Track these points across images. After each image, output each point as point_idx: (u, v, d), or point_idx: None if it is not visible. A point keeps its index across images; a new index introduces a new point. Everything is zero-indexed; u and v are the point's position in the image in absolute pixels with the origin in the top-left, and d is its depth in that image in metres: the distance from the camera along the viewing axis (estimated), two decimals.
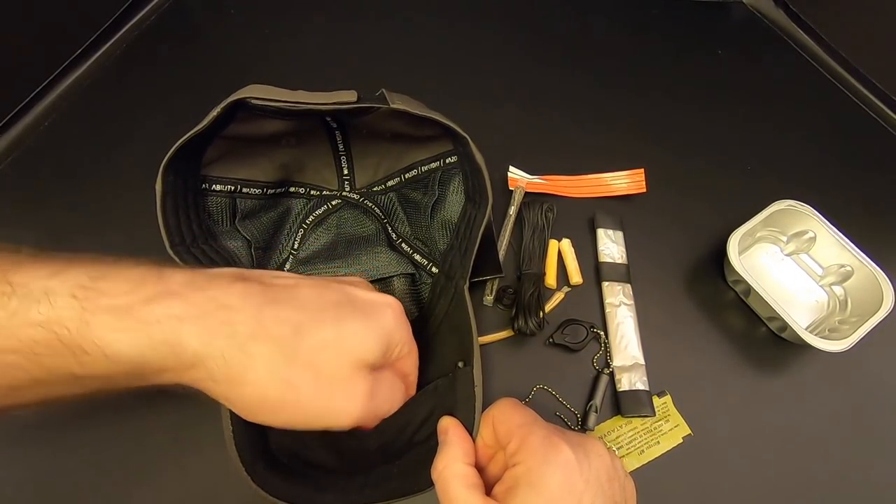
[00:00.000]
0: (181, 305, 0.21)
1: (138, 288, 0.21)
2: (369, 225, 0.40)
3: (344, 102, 0.28)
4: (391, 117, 0.30)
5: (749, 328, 0.42)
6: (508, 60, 0.54)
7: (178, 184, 0.30)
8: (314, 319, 0.24)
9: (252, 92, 0.27)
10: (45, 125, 0.47)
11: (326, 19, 0.55)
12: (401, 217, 0.40)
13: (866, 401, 0.40)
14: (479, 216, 0.33)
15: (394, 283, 0.38)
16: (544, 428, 0.26)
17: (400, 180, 0.40)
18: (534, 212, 0.43)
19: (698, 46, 0.57)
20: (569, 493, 0.24)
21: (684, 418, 0.38)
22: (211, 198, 0.34)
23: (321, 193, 0.40)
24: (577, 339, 0.39)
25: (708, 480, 0.36)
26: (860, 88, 0.55)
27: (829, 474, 0.37)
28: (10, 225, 0.43)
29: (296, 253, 0.39)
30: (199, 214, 0.33)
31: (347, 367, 0.24)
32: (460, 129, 0.30)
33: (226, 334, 0.22)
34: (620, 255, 0.43)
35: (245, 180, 0.36)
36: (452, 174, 0.37)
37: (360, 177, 0.41)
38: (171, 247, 0.29)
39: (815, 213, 0.41)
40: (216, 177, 0.34)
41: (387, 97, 0.28)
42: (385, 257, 0.38)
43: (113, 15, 0.52)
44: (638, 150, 0.47)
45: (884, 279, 0.38)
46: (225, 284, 0.23)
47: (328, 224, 0.40)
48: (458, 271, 0.34)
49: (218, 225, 0.34)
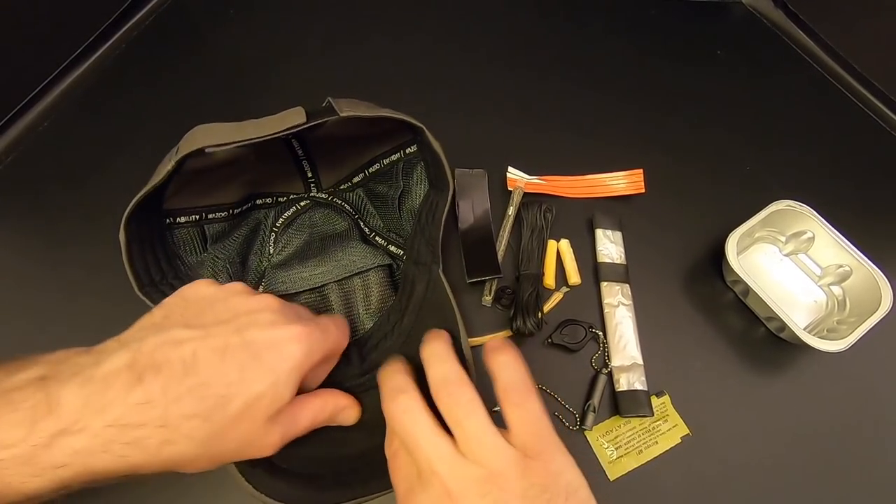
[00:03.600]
0: (83, 440, 0.21)
1: (32, 432, 0.20)
2: (341, 222, 0.41)
3: (293, 126, 0.28)
4: (345, 122, 0.30)
5: (747, 328, 0.42)
6: (507, 61, 0.54)
7: (142, 230, 0.30)
8: (221, 401, 0.23)
9: (202, 140, 0.27)
10: (45, 125, 0.47)
11: (326, 19, 0.55)
12: (371, 211, 0.41)
13: (865, 401, 0.40)
14: (440, 202, 0.34)
15: (371, 275, 0.38)
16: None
17: (364, 175, 0.40)
18: (532, 212, 0.43)
19: (698, 47, 0.57)
20: None
21: (683, 418, 0.38)
22: (178, 230, 0.34)
23: (289, 198, 0.41)
24: (576, 340, 0.39)
25: (706, 480, 0.36)
26: (860, 88, 0.55)
27: (828, 474, 0.37)
28: (10, 225, 0.43)
29: (271, 258, 0.39)
30: (167, 250, 0.33)
31: (262, 423, 0.25)
32: (414, 121, 0.30)
33: (140, 450, 0.22)
34: (619, 256, 0.43)
35: (210, 206, 0.36)
36: (414, 164, 0.38)
37: (326, 177, 0.41)
38: (140, 289, 0.30)
39: (813, 213, 0.41)
40: (180, 209, 0.34)
41: (334, 106, 0.29)
42: (360, 251, 0.39)
43: (113, 15, 0.52)
44: (636, 151, 0.47)
45: (882, 279, 0.38)
46: (123, 393, 0.22)
47: (299, 225, 0.40)
48: (427, 257, 0.35)
49: (190, 255, 0.35)
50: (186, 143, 0.27)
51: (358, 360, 0.34)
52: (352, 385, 0.32)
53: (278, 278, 0.38)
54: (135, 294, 0.29)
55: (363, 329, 0.37)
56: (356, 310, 0.38)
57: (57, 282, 0.41)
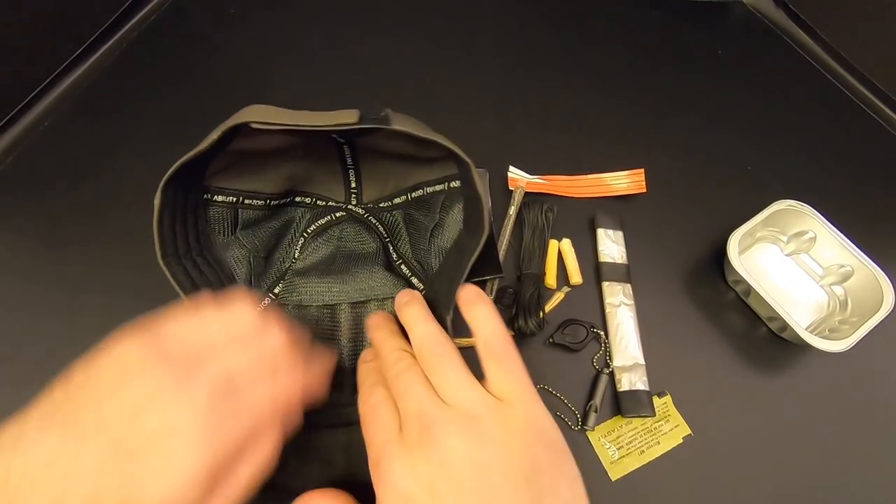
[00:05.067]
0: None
1: None
2: (370, 243, 0.40)
3: (344, 124, 0.27)
4: (396, 137, 0.29)
5: (749, 328, 0.42)
6: (508, 60, 0.54)
7: (177, 198, 0.29)
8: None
9: (252, 115, 0.26)
10: (45, 125, 0.47)
11: (325, 19, 0.55)
12: (403, 237, 0.39)
13: (866, 401, 0.39)
14: (470, 246, 0.32)
15: (388, 304, 0.37)
16: None
17: (406, 199, 0.39)
18: (534, 212, 0.43)
19: (698, 46, 0.57)
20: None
21: (684, 418, 0.38)
22: (212, 208, 0.34)
23: (326, 204, 0.40)
24: (578, 339, 0.39)
25: (708, 480, 0.36)
26: (860, 88, 0.55)
27: (829, 474, 0.37)
28: (11, 225, 0.43)
29: (294, 262, 0.38)
30: (198, 226, 0.32)
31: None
32: (463, 154, 0.29)
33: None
34: (620, 255, 0.43)
35: (249, 192, 0.35)
36: (455, 200, 0.36)
37: (368, 191, 0.40)
38: (163, 257, 0.29)
39: (815, 213, 0.41)
40: (219, 188, 0.34)
41: (390, 118, 0.28)
42: (381, 278, 0.38)
43: (113, 15, 0.52)
44: (638, 150, 0.47)
45: (884, 279, 0.38)
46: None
47: (329, 235, 0.40)
48: (442, 299, 0.33)
49: (218, 235, 0.34)
50: (237, 116, 0.27)
51: (349, 388, 0.33)
52: (332, 413, 0.32)
53: (296, 286, 0.37)
54: (135, 292, 0.29)
55: None
56: (364, 335, 0.37)
57: (58, 281, 0.40)
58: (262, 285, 0.37)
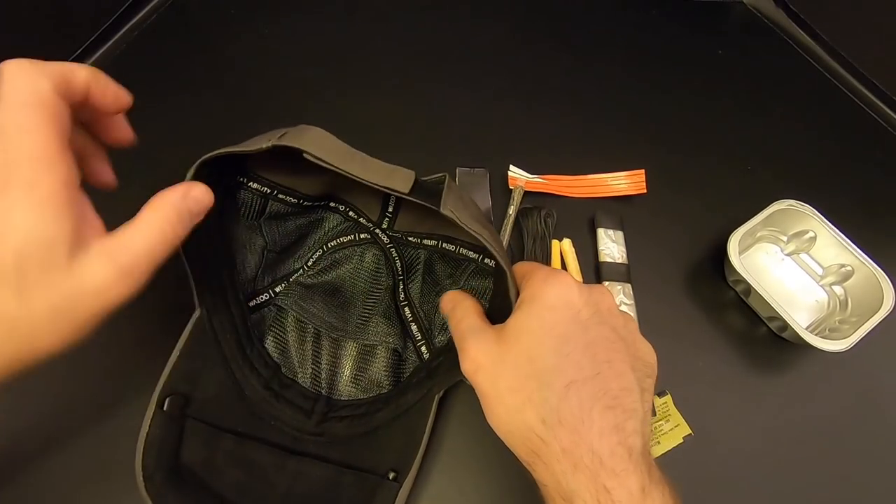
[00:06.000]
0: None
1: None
2: (384, 281, 0.38)
3: (395, 190, 0.27)
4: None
5: (749, 328, 0.42)
6: (508, 60, 0.54)
7: (211, 179, 0.28)
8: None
9: (308, 145, 0.25)
10: None
11: (326, 18, 0.55)
12: (417, 279, 0.38)
13: (867, 401, 0.39)
14: None
15: (377, 351, 0.36)
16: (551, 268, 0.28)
17: (437, 245, 0.38)
18: (532, 220, 0.42)
19: (698, 46, 0.57)
20: (565, 306, 0.25)
21: (685, 418, 0.37)
22: (244, 191, 0.34)
23: (357, 218, 0.39)
24: None
25: (709, 480, 0.36)
26: (860, 88, 0.55)
27: (829, 474, 0.37)
28: None
29: (305, 271, 0.38)
30: (222, 206, 0.31)
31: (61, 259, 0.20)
32: (504, 263, 0.27)
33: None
34: (621, 255, 0.43)
35: (284, 187, 0.35)
36: (484, 275, 0.36)
37: (403, 220, 0.39)
38: None
39: (815, 212, 0.41)
40: (256, 175, 0.33)
41: (444, 194, 0.27)
42: (379, 323, 0.37)
43: (113, 15, 0.52)
44: (638, 150, 0.47)
45: (884, 279, 0.38)
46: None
47: (348, 255, 0.39)
48: (441, 376, 0.33)
49: (243, 217, 0.34)
50: (294, 138, 0.25)
51: (318, 417, 0.33)
52: (290, 434, 0.32)
53: (297, 297, 0.36)
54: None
55: (339, 393, 0.35)
56: (342, 371, 0.36)
57: None
58: (266, 279, 0.36)
